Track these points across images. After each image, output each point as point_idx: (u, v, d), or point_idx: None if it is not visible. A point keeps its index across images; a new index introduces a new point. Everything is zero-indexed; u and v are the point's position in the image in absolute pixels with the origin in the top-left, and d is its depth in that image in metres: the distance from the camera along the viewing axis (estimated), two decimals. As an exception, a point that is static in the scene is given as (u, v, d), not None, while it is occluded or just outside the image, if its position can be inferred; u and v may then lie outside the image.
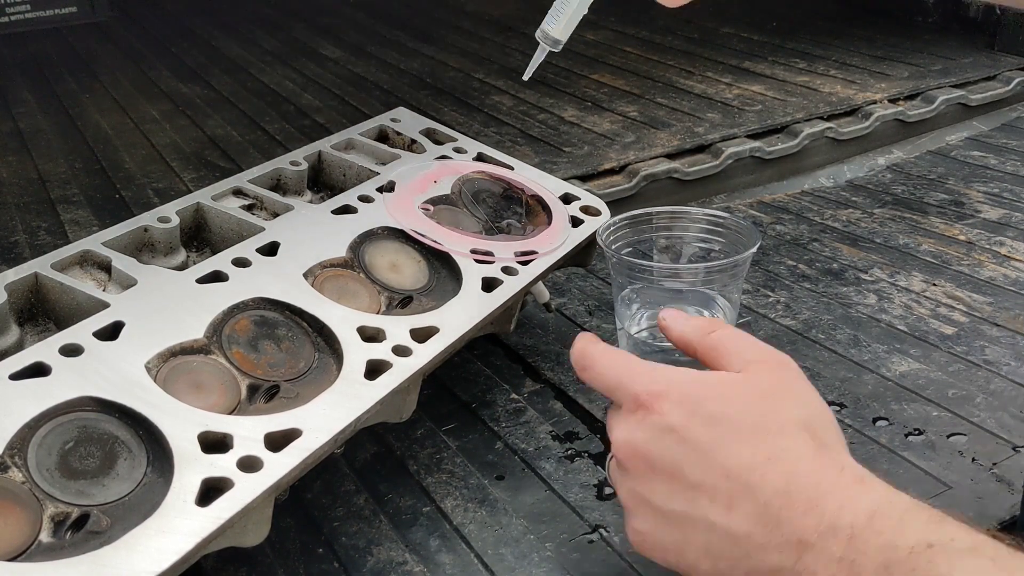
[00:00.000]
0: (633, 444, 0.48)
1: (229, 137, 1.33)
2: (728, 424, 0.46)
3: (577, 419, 0.72)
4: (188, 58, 1.77)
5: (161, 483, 0.49)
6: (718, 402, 0.47)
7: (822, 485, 0.43)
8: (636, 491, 0.48)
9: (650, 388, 0.48)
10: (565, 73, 1.54)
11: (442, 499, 0.64)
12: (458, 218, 0.75)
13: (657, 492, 0.47)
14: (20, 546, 0.45)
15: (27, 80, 1.65)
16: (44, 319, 0.62)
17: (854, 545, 0.41)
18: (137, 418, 0.51)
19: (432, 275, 0.70)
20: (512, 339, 0.82)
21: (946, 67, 1.44)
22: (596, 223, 0.77)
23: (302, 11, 2.10)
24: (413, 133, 0.86)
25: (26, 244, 1.01)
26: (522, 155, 1.15)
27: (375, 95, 1.49)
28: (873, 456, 0.66)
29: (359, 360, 0.59)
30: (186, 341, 0.57)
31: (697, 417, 0.46)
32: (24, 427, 0.49)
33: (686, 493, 0.46)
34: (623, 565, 0.58)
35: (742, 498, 0.44)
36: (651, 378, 0.49)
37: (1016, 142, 1.27)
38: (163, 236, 0.67)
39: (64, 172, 1.22)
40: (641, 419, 0.48)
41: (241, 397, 0.56)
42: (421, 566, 0.59)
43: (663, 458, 0.47)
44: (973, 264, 0.94)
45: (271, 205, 0.73)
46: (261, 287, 0.62)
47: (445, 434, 0.71)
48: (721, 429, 0.46)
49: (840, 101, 1.31)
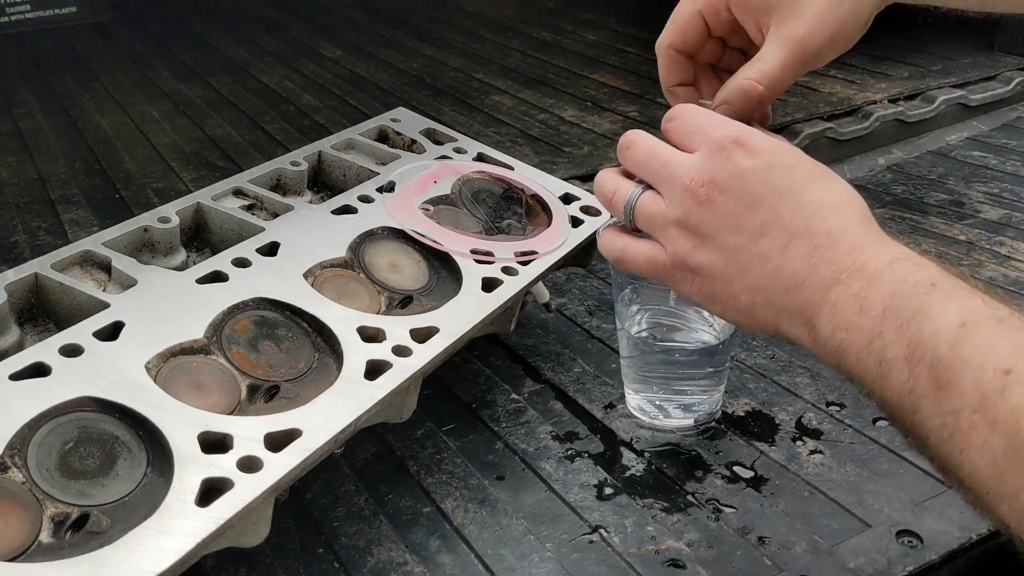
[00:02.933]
0: (715, 178, 0.51)
1: (229, 137, 1.33)
2: (804, 174, 0.51)
3: (577, 419, 0.72)
4: (188, 58, 1.77)
5: (161, 483, 0.49)
6: (792, 155, 0.52)
7: (867, 236, 0.49)
8: (702, 225, 0.52)
9: (741, 131, 0.52)
10: (565, 73, 1.54)
11: (442, 499, 0.64)
12: (458, 218, 0.75)
13: (725, 225, 0.51)
14: (20, 546, 0.45)
15: (27, 80, 1.64)
16: (44, 319, 0.62)
17: (872, 282, 0.46)
18: (137, 418, 0.51)
19: (432, 275, 0.70)
20: (512, 339, 0.82)
21: (946, 67, 1.44)
22: (596, 223, 0.77)
23: (302, 11, 2.10)
24: (413, 133, 0.86)
25: (26, 244, 1.01)
26: (522, 155, 1.15)
27: (375, 95, 1.49)
28: (873, 456, 0.66)
29: (359, 360, 0.59)
30: (186, 341, 0.57)
31: (780, 163, 0.51)
32: (24, 427, 0.49)
33: (752, 231, 0.50)
34: (623, 565, 0.58)
35: (799, 239, 0.49)
36: (735, 126, 0.53)
37: (1016, 142, 1.27)
38: (163, 236, 0.67)
39: (64, 172, 1.22)
40: (728, 156, 0.51)
41: (241, 397, 0.56)
42: (421, 566, 0.59)
43: (742, 194, 0.51)
44: (973, 264, 0.94)
45: (271, 205, 0.73)
46: (261, 287, 0.62)
47: (445, 434, 0.71)
48: (799, 176, 0.50)
49: (840, 101, 1.31)
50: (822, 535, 0.59)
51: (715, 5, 0.60)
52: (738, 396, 0.74)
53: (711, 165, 0.51)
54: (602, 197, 0.57)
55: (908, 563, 0.57)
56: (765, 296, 0.50)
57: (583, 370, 0.78)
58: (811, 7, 0.56)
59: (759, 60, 0.58)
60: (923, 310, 0.43)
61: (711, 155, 0.52)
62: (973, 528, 0.59)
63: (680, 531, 0.60)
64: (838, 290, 0.47)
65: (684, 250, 0.53)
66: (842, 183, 0.51)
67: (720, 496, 0.63)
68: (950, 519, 0.60)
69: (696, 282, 0.53)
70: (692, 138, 0.53)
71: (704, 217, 0.51)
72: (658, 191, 0.54)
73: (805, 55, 0.57)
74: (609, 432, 0.71)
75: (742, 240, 0.51)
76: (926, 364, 0.42)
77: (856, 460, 0.66)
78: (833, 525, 0.60)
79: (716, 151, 0.51)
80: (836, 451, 0.67)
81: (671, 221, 0.53)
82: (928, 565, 0.57)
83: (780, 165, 0.51)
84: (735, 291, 0.51)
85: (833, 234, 0.49)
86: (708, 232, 0.52)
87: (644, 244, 0.55)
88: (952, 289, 0.44)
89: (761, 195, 0.50)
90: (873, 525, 0.60)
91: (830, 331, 0.47)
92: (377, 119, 0.88)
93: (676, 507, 0.63)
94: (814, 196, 0.50)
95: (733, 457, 0.67)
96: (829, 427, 0.70)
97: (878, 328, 0.45)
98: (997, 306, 0.43)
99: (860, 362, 0.46)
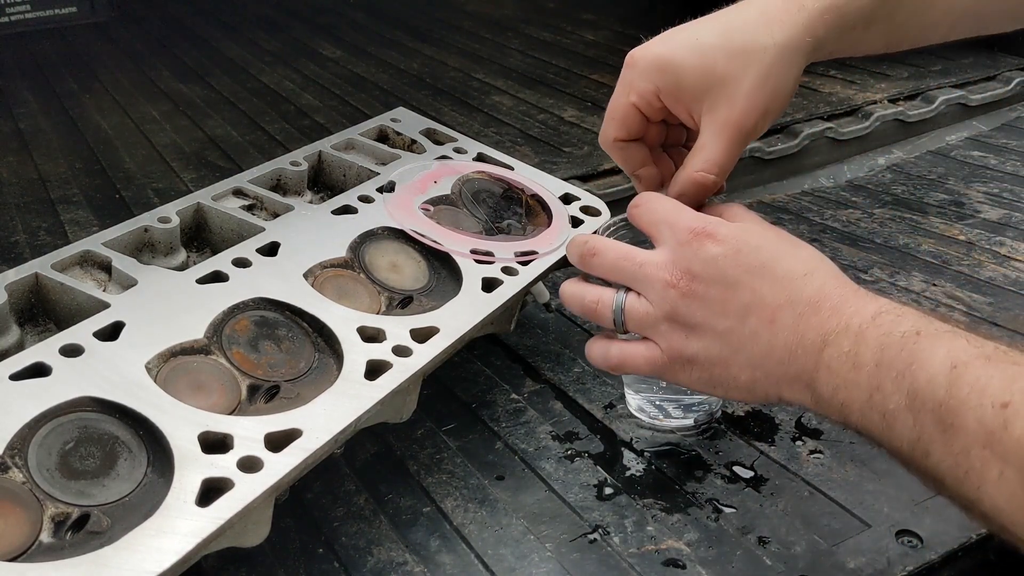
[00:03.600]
0: (691, 270, 0.54)
1: (229, 137, 1.33)
2: (771, 250, 0.53)
3: (577, 419, 0.72)
4: (188, 58, 1.77)
5: (161, 483, 0.49)
6: (755, 235, 0.54)
7: (844, 296, 0.50)
8: (691, 319, 0.54)
9: (703, 222, 0.55)
10: (565, 73, 1.54)
11: (442, 499, 0.64)
12: (458, 218, 0.75)
13: (712, 312, 0.53)
14: (20, 546, 0.45)
15: (27, 80, 1.64)
16: (44, 319, 0.62)
17: (859, 339, 0.48)
18: (137, 418, 0.52)
19: (432, 275, 0.70)
20: (512, 339, 0.82)
21: (946, 67, 1.43)
22: (596, 223, 0.77)
23: (302, 11, 2.10)
24: (413, 133, 0.86)
25: (26, 244, 1.01)
26: (522, 155, 1.15)
27: (375, 95, 1.49)
28: (873, 456, 0.66)
29: (359, 360, 0.59)
30: (186, 341, 0.57)
31: (746, 245, 0.53)
32: (24, 427, 0.49)
33: (738, 312, 0.53)
34: (623, 565, 0.58)
35: (783, 311, 0.51)
36: (698, 215, 0.56)
37: (1016, 142, 1.27)
38: (163, 236, 0.67)
39: (64, 172, 1.22)
40: (697, 247, 0.54)
41: (241, 397, 0.56)
42: (421, 566, 0.59)
43: (720, 280, 0.53)
44: (973, 264, 0.94)
45: (271, 205, 0.73)
46: (261, 287, 0.62)
47: (445, 434, 0.71)
48: (767, 253, 0.53)
49: (840, 101, 1.31)
50: (822, 535, 0.59)
51: (646, 96, 0.61)
52: (738, 396, 0.74)
53: (684, 258, 0.54)
54: (582, 308, 0.59)
55: (908, 563, 0.57)
56: (763, 370, 0.53)
57: (583, 370, 0.78)
58: (739, 89, 0.58)
59: (703, 150, 0.60)
60: (914, 359, 0.45)
61: (680, 248, 0.54)
62: (973, 528, 0.59)
63: (680, 531, 0.60)
64: (829, 351, 0.49)
65: (678, 343, 0.55)
66: (807, 248, 0.54)
67: (720, 496, 0.63)
68: (950, 519, 0.60)
69: (695, 371, 0.55)
70: (659, 228, 0.56)
71: (691, 307, 0.54)
72: (638, 292, 0.56)
73: (744, 135, 0.59)
74: (609, 432, 0.71)
75: (730, 322, 0.53)
76: (928, 410, 0.44)
77: (856, 460, 0.66)
78: (833, 525, 0.60)
79: (684, 244, 0.54)
80: (836, 451, 0.67)
81: (660, 318, 0.55)
82: (928, 565, 0.57)
83: (746, 247, 0.53)
84: (734, 372, 0.54)
85: (813, 300, 0.51)
86: (697, 321, 0.54)
87: (639, 346, 0.57)
88: (936, 334, 0.46)
89: (736, 277, 0.53)
90: (873, 525, 0.60)
91: (830, 391, 0.49)
92: (377, 119, 0.88)
93: (676, 507, 0.63)
94: (785, 268, 0.52)
95: (733, 457, 0.67)
96: (829, 427, 0.70)
97: (875, 382, 0.46)
98: (981, 343, 0.45)
99: (864, 417, 0.47)
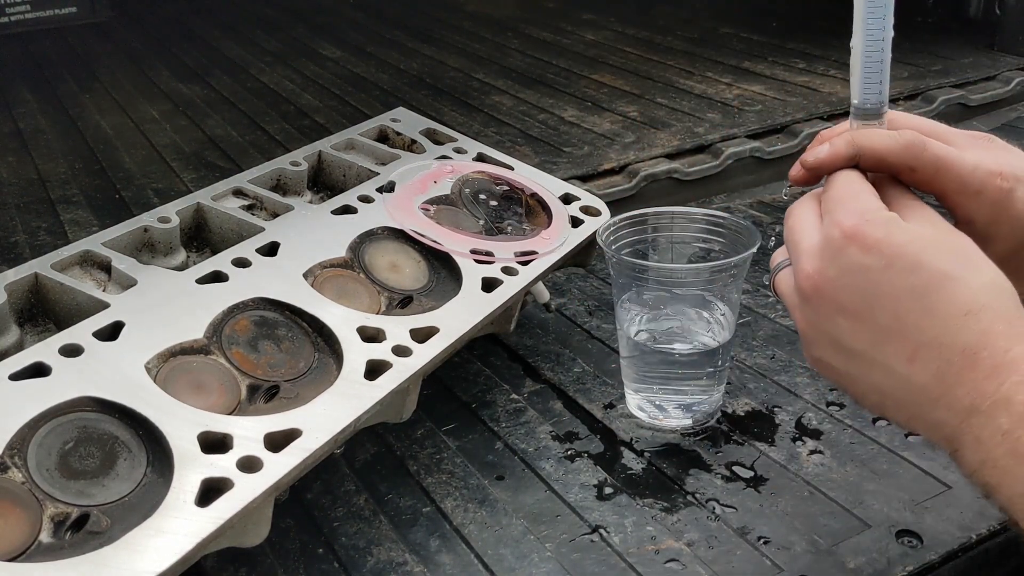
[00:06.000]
0: (826, 276, 0.47)
1: (229, 137, 1.33)
2: (932, 272, 0.44)
3: (577, 419, 0.72)
4: (188, 58, 1.77)
5: (161, 483, 0.49)
6: (924, 248, 0.45)
7: (1010, 352, 0.42)
8: (818, 324, 0.48)
9: (860, 219, 0.46)
10: (565, 73, 1.54)
11: (442, 499, 0.64)
12: (458, 218, 0.75)
13: (842, 328, 0.47)
14: (20, 546, 0.45)
15: (27, 80, 1.65)
16: (44, 319, 0.62)
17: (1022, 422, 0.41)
18: (137, 418, 0.51)
19: (432, 275, 0.70)
20: (512, 339, 0.82)
21: (946, 67, 1.44)
22: (596, 223, 0.77)
23: (302, 11, 2.10)
24: (413, 133, 0.86)
25: (26, 244, 1.01)
26: (522, 155, 1.15)
27: (375, 95, 1.49)
28: (873, 456, 0.66)
29: (359, 360, 0.59)
30: (186, 341, 0.57)
31: (901, 260, 0.45)
32: (24, 427, 0.49)
33: (873, 336, 0.46)
34: (623, 565, 0.58)
35: (928, 351, 0.44)
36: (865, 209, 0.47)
37: (1016, 142, 1.26)
38: (163, 236, 0.67)
39: (64, 172, 1.22)
40: (839, 251, 0.46)
41: (241, 397, 0.56)
42: (421, 566, 0.59)
43: (856, 297, 0.46)
44: (973, 264, 0.94)
45: (271, 205, 0.73)
46: (261, 287, 0.62)
47: (445, 434, 0.71)
48: (925, 276, 0.44)
49: (840, 101, 1.31)
50: (822, 535, 0.59)
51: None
52: (738, 396, 0.74)
53: (826, 255, 0.47)
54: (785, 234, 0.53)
55: (908, 563, 0.57)
56: (894, 401, 0.47)
57: (583, 370, 0.78)
58: None
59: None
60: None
61: (827, 244, 0.48)
62: (973, 528, 0.59)
63: (680, 531, 0.60)
64: (980, 420, 0.42)
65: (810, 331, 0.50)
66: (988, 273, 0.45)
67: (720, 496, 0.63)
68: (950, 519, 0.60)
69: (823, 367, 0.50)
70: (827, 210, 0.49)
71: (820, 311, 0.48)
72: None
73: None
74: (609, 432, 0.71)
75: (862, 346, 0.46)
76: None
77: (856, 460, 0.66)
78: (833, 525, 0.60)
79: (832, 240, 0.47)
80: (836, 451, 0.67)
81: (796, 304, 0.50)
82: (928, 565, 0.57)
83: (901, 263, 0.45)
84: (862, 390, 0.48)
85: (970, 350, 0.43)
86: (826, 328, 0.48)
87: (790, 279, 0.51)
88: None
89: (878, 296, 0.45)
90: (873, 525, 0.60)
91: (976, 464, 0.43)
92: (377, 119, 0.88)
93: (676, 507, 0.63)
94: (943, 299, 0.44)
95: (733, 457, 0.67)
96: (829, 427, 0.70)
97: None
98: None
99: (1012, 503, 0.42)
